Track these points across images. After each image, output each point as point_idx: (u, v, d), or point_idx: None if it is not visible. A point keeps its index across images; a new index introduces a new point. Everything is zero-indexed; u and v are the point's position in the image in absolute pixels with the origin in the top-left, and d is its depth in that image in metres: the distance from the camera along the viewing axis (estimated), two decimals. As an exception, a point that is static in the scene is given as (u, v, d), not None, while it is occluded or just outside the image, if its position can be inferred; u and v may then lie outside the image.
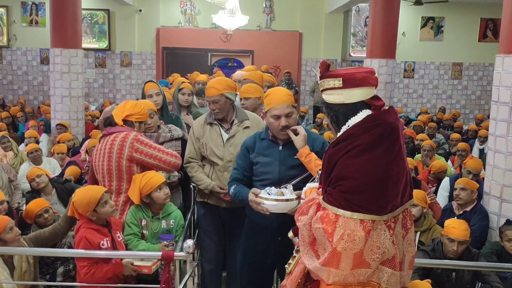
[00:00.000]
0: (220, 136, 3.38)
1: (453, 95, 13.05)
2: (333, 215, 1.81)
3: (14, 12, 12.38)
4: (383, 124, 1.86)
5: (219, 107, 3.34)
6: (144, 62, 12.58)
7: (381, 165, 1.82)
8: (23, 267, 3.19)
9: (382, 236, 1.82)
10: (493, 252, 3.75)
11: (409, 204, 1.95)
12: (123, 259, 2.91)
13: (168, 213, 3.19)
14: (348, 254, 1.78)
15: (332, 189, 1.86)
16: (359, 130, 1.85)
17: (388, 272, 1.86)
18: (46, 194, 4.53)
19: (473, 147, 7.40)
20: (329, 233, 1.80)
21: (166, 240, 3.01)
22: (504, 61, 4.16)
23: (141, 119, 3.34)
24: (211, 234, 3.53)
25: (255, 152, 2.94)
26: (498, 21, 11.91)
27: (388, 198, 1.83)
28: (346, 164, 1.83)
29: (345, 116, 1.93)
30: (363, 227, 1.78)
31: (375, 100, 1.93)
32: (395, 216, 1.87)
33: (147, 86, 4.08)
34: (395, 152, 1.86)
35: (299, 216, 1.97)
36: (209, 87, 3.39)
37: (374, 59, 7.66)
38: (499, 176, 4.19)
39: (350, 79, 1.90)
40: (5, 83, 12.67)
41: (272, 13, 12.63)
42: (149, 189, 3.04)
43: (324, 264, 1.82)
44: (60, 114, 7.64)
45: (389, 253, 1.84)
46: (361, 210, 1.79)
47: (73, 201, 2.93)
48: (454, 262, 3.34)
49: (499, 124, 4.21)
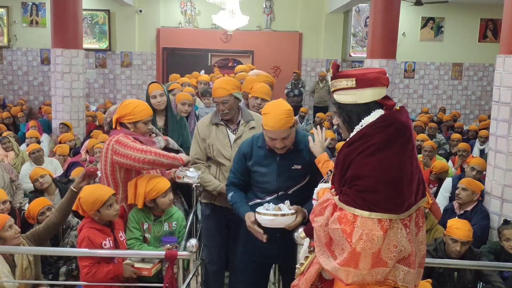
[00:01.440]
0: (227, 136, 3.35)
1: (453, 96, 13.05)
2: (351, 215, 1.82)
3: (15, 12, 12.37)
4: (396, 123, 1.87)
5: (228, 107, 3.31)
6: (145, 63, 12.59)
7: (396, 164, 1.83)
8: (23, 264, 3.20)
9: (399, 235, 1.83)
10: (491, 252, 3.77)
11: (422, 202, 1.96)
12: (124, 260, 2.92)
13: (170, 215, 3.16)
14: (367, 253, 1.79)
15: (348, 189, 1.87)
16: (374, 129, 1.86)
17: (404, 270, 1.87)
18: (49, 194, 4.53)
19: (474, 147, 7.40)
20: (348, 234, 1.81)
21: (169, 243, 2.97)
22: (505, 61, 4.18)
23: (133, 119, 3.14)
24: (215, 235, 3.52)
25: (252, 160, 2.91)
26: (498, 21, 11.93)
27: (404, 196, 1.84)
28: (361, 163, 1.84)
29: (358, 116, 1.93)
30: (381, 227, 1.79)
31: (387, 100, 1.94)
32: (410, 215, 1.88)
33: (151, 87, 4.08)
34: (409, 150, 1.88)
35: (315, 217, 1.97)
36: (217, 88, 3.32)
37: (375, 60, 7.68)
38: (500, 176, 4.20)
39: (363, 79, 1.91)
40: (6, 83, 12.66)
41: (272, 14, 12.64)
42: (155, 194, 2.99)
43: (343, 264, 1.83)
44: (61, 114, 7.65)
45: (406, 251, 1.85)
46: (378, 209, 1.80)
47: (80, 197, 2.93)
48: (456, 262, 3.35)
49: (500, 124, 4.22)
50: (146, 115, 3.19)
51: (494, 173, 4.29)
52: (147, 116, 3.20)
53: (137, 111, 3.14)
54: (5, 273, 3.06)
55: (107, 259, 2.94)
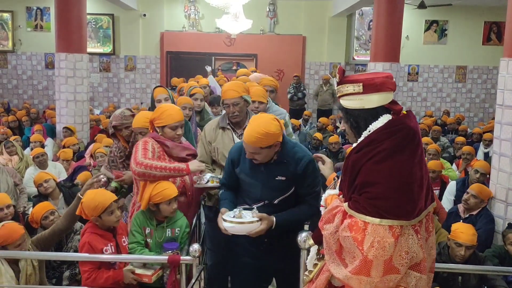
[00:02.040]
0: (232, 141, 3.34)
1: (457, 99, 13.01)
2: (362, 223, 1.80)
3: (19, 17, 12.45)
4: (405, 129, 1.86)
5: (238, 109, 3.30)
6: (148, 66, 12.62)
7: (406, 169, 1.82)
8: (28, 270, 3.20)
9: (410, 241, 1.81)
10: (496, 255, 3.74)
11: (432, 207, 1.95)
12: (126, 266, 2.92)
13: (174, 221, 3.11)
14: (379, 261, 1.77)
15: (358, 196, 1.84)
16: (382, 135, 1.84)
17: (417, 277, 1.85)
18: (53, 198, 4.55)
19: (478, 150, 7.38)
20: (359, 241, 1.79)
21: (170, 249, 2.93)
22: (508, 64, 4.16)
23: (161, 123, 3.16)
24: (219, 239, 3.50)
25: (239, 167, 2.89)
26: (502, 24, 11.89)
27: (415, 202, 1.82)
28: (371, 170, 1.82)
29: (366, 121, 1.92)
30: (392, 233, 1.77)
31: (394, 105, 1.93)
32: (420, 220, 1.86)
33: (156, 91, 4.10)
34: (418, 155, 1.86)
35: (324, 224, 1.95)
36: (228, 90, 3.32)
37: (378, 63, 7.66)
38: (505, 180, 4.18)
39: (370, 84, 1.90)
40: (10, 87, 12.72)
41: (276, 17, 12.64)
42: (159, 199, 2.96)
43: (354, 272, 1.81)
44: (65, 118, 7.67)
45: (417, 257, 1.83)
46: (389, 216, 1.78)
47: (82, 201, 2.95)
48: (461, 266, 3.33)
49: (504, 128, 4.20)
50: (173, 120, 3.16)
51: (498, 177, 4.26)
52: (174, 121, 3.16)
53: (165, 116, 3.14)
54: (7, 278, 3.07)
55: (108, 264, 2.94)
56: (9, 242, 3.10)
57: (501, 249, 3.80)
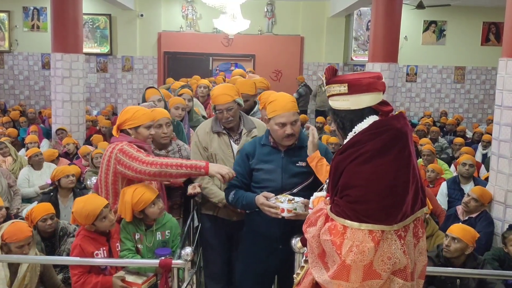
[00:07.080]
0: (229, 147, 3.24)
1: (456, 99, 12.98)
2: (341, 226, 1.74)
3: (16, 17, 12.39)
4: (391, 130, 1.79)
5: (232, 114, 3.19)
6: (146, 67, 12.58)
7: (389, 173, 1.75)
8: (26, 277, 3.16)
9: (393, 246, 1.75)
10: (495, 258, 3.70)
11: (421, 213, 1.88)
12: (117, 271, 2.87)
13: (163, 223, 3.01)
14: (358, 266, 1.71)
15: (339, 199, 1.79)
16: (366, 136, 1.79)
17: (400, 283, 1.79)
18: (63, 196, 4.54)
19: (477, 151, 7.33)
20: (338, 245, 1.73)
21: (162, 255, 2.79)
22: (507, 64, 4.12)
23: (134, 124, 2.99)
24: (217, 248, 3.43)
25: (255, 158, 2.85)
26: (500, 24, 11.87)
27: (398, 207, 1.75)
28: (353, 172, 1.76)
29: (352, 122, 1.87)
30: (372, 238, 1.71)
31: (383, 106, 1.87)
32: (405, 225, 1.80)
33: (148, 92, 4.02)
34: (405, 158, 1.79)
35: (308, 227, 1.90)
36: (221, 94, 3.18)
37: (376, 63, 7.63)
38: (503, 181, 4.14)
39: (356, 85, 1.85)
40: (7, 88, 12.67)
41: (274, 18, 12.61)
42: (142, 205, 2.83)
43: (333, 277, 1.75)
44: (61, 119, 7.62)
45: (401, 263, 1.77)
46: (369, 220, 1.72)
47: (73, 211, 2.86)
48: (459, 270, 3.28)
49: (503, 129, 4.16)
50: (148, 119, 3.04)
51: (497, 178, 4.22)
52: (149, 120, 3.05)
53: (138, 115, 3.00)
54: (1, 276, 3.04)
55: (98, 270, 2.88)
56: (13, 240, 3.07)
57: (501, 252, 3.75)
